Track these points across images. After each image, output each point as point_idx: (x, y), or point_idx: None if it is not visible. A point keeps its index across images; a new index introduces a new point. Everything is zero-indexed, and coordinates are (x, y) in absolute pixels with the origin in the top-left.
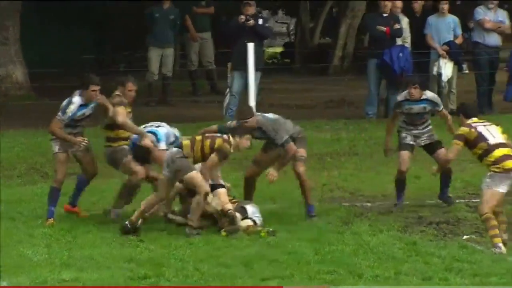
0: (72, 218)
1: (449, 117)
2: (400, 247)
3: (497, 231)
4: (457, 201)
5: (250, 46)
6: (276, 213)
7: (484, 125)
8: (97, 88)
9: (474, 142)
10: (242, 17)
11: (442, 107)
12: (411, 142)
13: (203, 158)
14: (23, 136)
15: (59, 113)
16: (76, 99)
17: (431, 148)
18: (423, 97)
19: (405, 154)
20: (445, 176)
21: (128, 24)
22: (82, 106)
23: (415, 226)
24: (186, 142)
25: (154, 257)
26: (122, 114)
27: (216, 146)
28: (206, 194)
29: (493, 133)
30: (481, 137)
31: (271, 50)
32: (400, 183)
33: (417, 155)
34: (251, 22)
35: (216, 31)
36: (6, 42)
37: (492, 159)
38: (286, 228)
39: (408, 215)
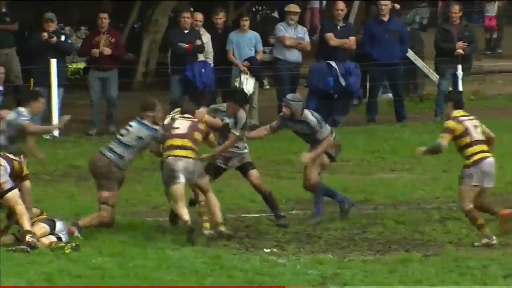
0: None
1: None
2: (204, 261)
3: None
4: (258, 215)
5: (53, 62)
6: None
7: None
8: None
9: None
10: (45, 34)
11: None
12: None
13: None
14: None
15: None
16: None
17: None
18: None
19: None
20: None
21: None
22: None
23: (218, 240)
24: None
25: None
26: None
27: None
28: None
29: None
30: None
31: (74, 66)
32: None
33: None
34: (54, 39)
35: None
36: None
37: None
38: (90, 243)
39: (211, 229)
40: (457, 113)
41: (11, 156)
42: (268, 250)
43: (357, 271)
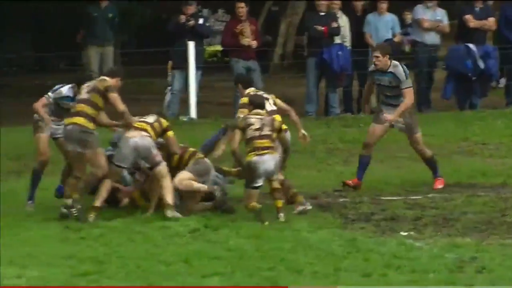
0: (13, 216)
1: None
2: (340, 244)
3: None
4: (395, 198)
5: (191, 45)
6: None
7: None
8: None
9: None
10: (182, 17)
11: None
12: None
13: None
14: None
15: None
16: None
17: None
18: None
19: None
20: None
21: (65, 23)
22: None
23: (355, 223)
24: None
25: (95, 255)
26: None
27: None
28: None
29: None
30: None
31: (211, 48)
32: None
33: (356, 153)
34: (192, 22)
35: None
36: None
37: None
38: (228, 225)
39: (347, 211)
40: None
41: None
42: (405, 233)
43: (495, 254)
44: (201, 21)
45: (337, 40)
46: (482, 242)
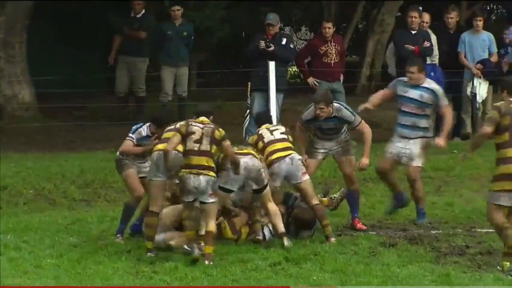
0: (82, 248)
1: None
2: (432, 280)
3: None
4: (491, 230)
5: (272, 65)
6: (300, 241)
7: None
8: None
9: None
10: (262, 43)
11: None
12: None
13: None
14: (30, 160)
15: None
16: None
17: None
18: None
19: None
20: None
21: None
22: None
23: (448, 257)
24: None
25: None
26: None
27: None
28: None
29: None
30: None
31: (294, 69)
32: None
33: (450, 181)
34: (272, 48)
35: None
36: (12, 60)
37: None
38: (310, 258)
39: (440, 244)
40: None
41: None
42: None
43: None
44: (284, 41)
45: (427, 60)
46: None
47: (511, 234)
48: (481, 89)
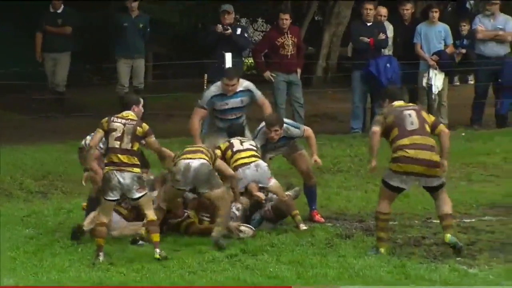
0: (39, 240)
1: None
2: (388, 271)
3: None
4: None
5: (228, 56)
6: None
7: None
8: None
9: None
10: (219, 26)
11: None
12: None
13: None
14: None
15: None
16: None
17: None
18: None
19: None
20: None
21: (93, 34)
22: None
23: (404, 248)
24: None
25: (125, 281)
26: None
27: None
28: None
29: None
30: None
31: (250, 60)
32: None
33: None
34: (229, 32)
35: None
36: None
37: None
38: (267, 250)
39: (396, 235)
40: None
41: None
42: (458, 259)
43: None
44: (238, 31)
45: (384, 51)
46: None
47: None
48: (437, 80)
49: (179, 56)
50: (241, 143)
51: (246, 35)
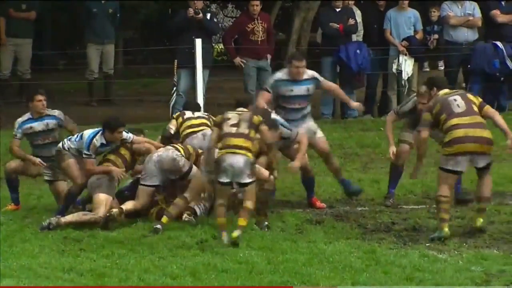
0: (9, 226)
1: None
2: (358, 256)
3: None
4: (417, 207)
5: (198, 42)
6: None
7: None
8: (42, 98)
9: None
10: (191, 10)
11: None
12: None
13: None
14: None
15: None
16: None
17: None
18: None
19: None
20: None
21: (62, 20)
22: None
23: (374, 234)
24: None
25: (95, 267)
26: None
27: None
28: None
29: None
30: None
31: (220, 46)
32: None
33: (376, 158)
34: (200, 16)
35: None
36: None
37: None
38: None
39: (366, 221)
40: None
41: None
42: (428, 245)
43: None
44: (208, 16)
45: (354, 37)
46: (510, 254)
47: None
48: (407, 66)
49: (148, 42)
50: (193, 112)
51: (216, 20)
